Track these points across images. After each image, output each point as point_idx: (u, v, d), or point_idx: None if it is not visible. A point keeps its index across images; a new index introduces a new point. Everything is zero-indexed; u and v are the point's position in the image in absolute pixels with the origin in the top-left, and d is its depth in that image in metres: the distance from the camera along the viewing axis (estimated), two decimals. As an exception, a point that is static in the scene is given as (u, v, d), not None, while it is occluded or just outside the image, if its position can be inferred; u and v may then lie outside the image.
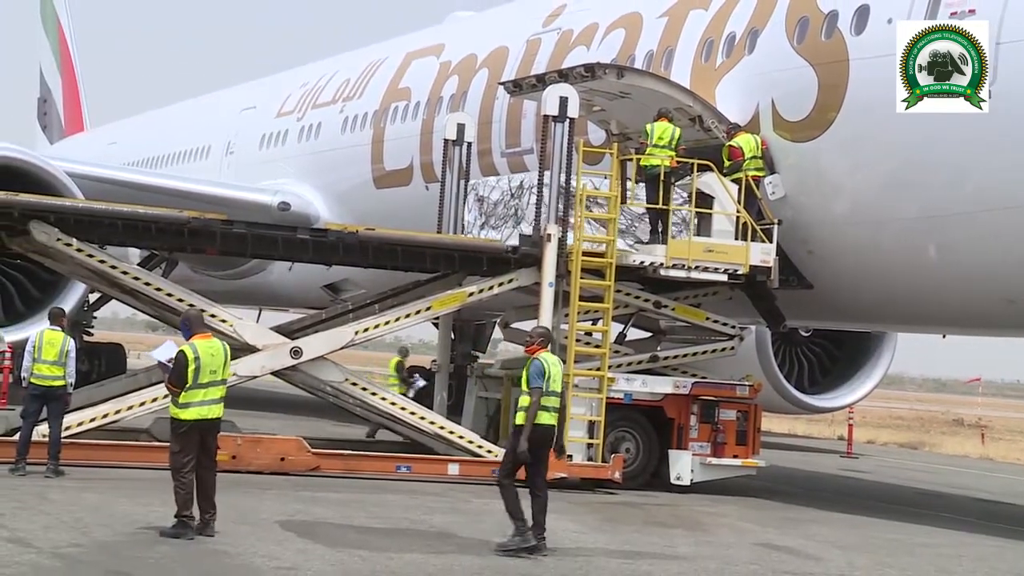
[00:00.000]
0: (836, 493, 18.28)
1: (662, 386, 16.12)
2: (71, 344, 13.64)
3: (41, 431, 13.52)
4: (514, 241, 16.13)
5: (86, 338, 24.50)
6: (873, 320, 19.17)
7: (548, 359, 10.83)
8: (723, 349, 16.96)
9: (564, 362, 14.41)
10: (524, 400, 10.72)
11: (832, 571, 11.09)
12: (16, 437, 13.59)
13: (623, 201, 15.90)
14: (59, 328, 13.71)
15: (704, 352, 16.94)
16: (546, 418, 10.66)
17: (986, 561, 12.40)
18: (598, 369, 15.63)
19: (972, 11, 13.83)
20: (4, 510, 10.81)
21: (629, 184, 15.99)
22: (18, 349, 18.30)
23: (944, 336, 19.03)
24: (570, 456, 14.88)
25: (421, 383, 20.79)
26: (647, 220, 16.03)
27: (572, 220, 15.54)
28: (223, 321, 15.13)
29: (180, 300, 15.19)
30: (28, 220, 14.80)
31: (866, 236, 15.44)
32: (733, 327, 16.94)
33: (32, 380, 13.46)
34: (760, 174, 15.84)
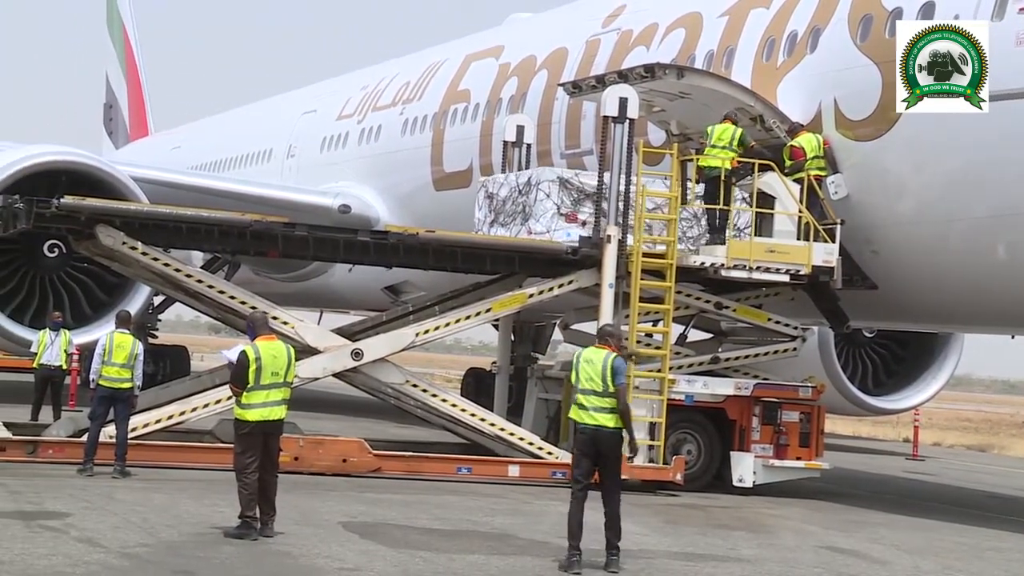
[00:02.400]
0: (901, 495, 18.05)
1: (723, 387, 16.03)
2: (139, 347, 13.87)
3: (108, 432, 13.73)
4: (574, 241, 16.06)
5: (151, 340, 24.84)
6: (940, 321, 18.88)
7: (583, 355, 9.97)
8: (785, 350, 16.83)
9: (633, 363, 14.17)
10: None
11: (899, 575, 10.94)
12: (84, 438, 13.82)
13: (683, 202, 15.83)
14: (127, 331, 13.93)
15: (766, 353, 16.81)
16: (584, 417, 9.88)
17: (1057, 566, 12.17)
18: (659, 370, 15.57)
19: (1041, 5, 13.59)
20: (74, 510, 11.00)
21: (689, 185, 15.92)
22: (86, 351, 18.59)
23: (1013, 337, 18.69)
24: (630, 458, 14.77)
25: None
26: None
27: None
28: (285, 323, 15.26)
29: (243, 302, 15.35)
30: (95, 224, 15.03)
31: (932, 235, 15.21)
32: (795, 328, 16.79)
33: (100, 382, 13.68)
34: (822, 174, 15.68)
